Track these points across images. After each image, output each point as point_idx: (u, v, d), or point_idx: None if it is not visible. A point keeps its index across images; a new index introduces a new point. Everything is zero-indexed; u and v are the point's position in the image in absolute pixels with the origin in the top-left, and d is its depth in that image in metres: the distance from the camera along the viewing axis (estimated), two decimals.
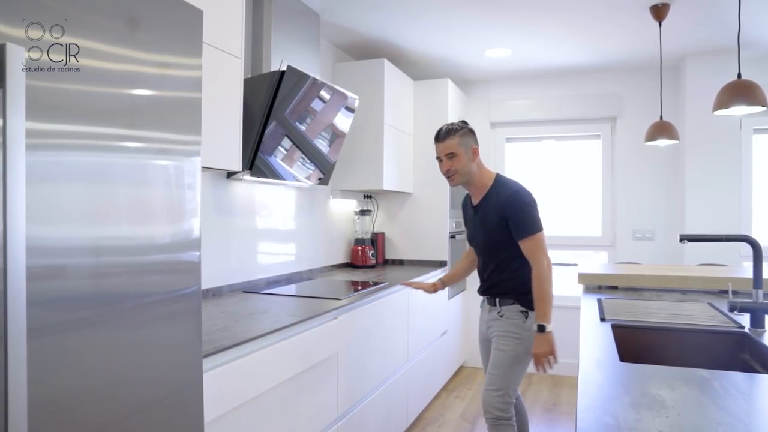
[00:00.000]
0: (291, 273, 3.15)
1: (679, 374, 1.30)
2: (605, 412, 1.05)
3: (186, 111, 1.28)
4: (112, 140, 1.09)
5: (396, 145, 3.74)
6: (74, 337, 1.01)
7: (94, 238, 1.05)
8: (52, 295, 0.97)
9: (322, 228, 3.52)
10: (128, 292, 1.13)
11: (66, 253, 0.99)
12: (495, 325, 2.23)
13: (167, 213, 1.23)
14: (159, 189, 1.20)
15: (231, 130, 2.11)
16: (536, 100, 4.44)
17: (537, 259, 2.13)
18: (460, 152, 2.21)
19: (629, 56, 3.90)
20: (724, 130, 3.73)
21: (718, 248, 3.71)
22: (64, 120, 0.99)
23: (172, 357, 1.24)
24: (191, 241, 1.29)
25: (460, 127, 2.24)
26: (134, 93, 1.13)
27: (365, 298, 2.60)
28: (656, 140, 3.00)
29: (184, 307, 1.27)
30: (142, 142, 1.16)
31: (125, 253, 1.12)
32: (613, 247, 4.27)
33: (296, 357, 1.95)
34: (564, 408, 3.60)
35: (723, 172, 3.74)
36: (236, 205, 2.70)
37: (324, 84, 2.70)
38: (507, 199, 2.16)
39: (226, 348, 1.57)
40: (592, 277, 2.80)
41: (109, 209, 1.08)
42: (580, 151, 4.45)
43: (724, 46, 3.60)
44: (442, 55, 3.89)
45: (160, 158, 1.21)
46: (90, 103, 1.03)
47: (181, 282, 1.26)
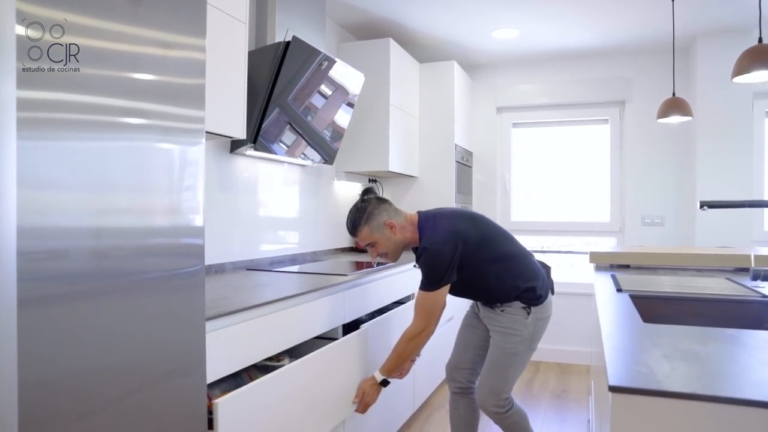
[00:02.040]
0: (294, 254, 3.09)
1: (707, 332, 1.23)
2: (637, 362, 0.99)
3: (189, 88, 1.20)
4: (114, 115, 1.02)
5: (401, 126, 3.68)
6: (71, 310, 0.94)
7: (95, 215, 0.98)
8: (49, 271, 0.90)
9: (326, 211, 3.46)
10: (129, 269, 1.06)
11: (65, 234, 0.92)
12: (496, 320, 2.08)
13: (169, 195, 1.15)
14: (160, 170, 1.13)
15: (236, 97, 2.05)
16: (543, 84, 4.37)
17: (418, 316, 2.02)
18: (376, 237, 2.07)
19: (638, 38, 3.83)
20: (735, 112, 3.66)
21: (729, 234, 3.64)
22: (61, 91, 0.91)
23: (174, 330, 1.17)
24: (195, 227, 1.22)
25: (363, 210, 2.08)
26: (137, 71, 1.06)
27: (371, 275, 2.54)
28: (669, 117, 2.93)
29: (187, 284, 1.20)
30: (145, 118, 1.09)
31: (126, 234, 1.05)
32: (622, 232, 4.20)
33: (299, 328, 1.89)
34: (573, 395, 3.53)
35: (734, 156, 3.67)
36: (239, 181, 2.63)
37: (329, 58, 2.64)
38: (420, 252, 2.03)
39: (230, 313, 1.51)
40: (604, 255, 2.73)
41: (109, 189, 1.01)
42: (588, 136, 4.38)
43: (738, 24, 3.53)
44: (448, 37, 3.83)
45: (163, 137, 1.13)
46: (89, 81, 0.96)
47: (184, 262, 1.19)
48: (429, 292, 1.98)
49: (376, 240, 2.07)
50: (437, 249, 1.96)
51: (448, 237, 1.98)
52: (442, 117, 3.96)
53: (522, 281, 2.05)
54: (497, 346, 2.07)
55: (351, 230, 2.11)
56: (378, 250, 2.10)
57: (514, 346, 2.04)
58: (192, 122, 1.20)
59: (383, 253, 2.10)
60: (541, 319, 2.09)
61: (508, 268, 2.06)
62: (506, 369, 2.05)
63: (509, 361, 2.05)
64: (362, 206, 2.10)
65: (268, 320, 1.70)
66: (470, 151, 4.44)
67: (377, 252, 2.10)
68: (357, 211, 2.09)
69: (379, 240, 2.07)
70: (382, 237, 2.07)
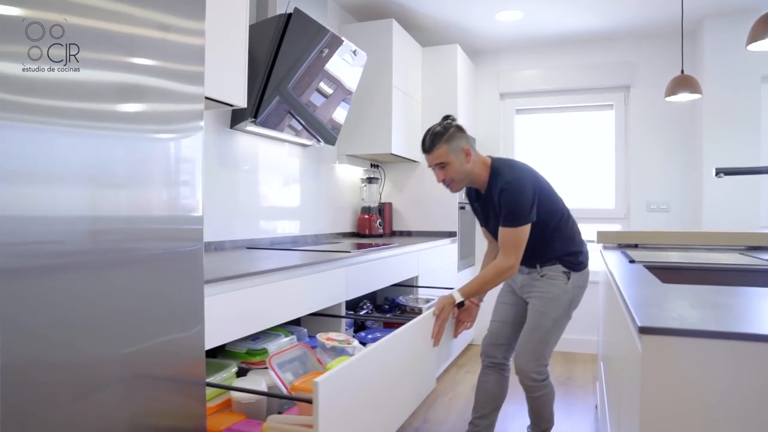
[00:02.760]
0: (295, 236, 3.03)
1: (732, 290, 1.17)
2: (665, 311, 0.93)
3: (189, 63, 1.14)
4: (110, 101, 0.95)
5: (404, 110, 3.62)
6: (63, 280, 0.89)
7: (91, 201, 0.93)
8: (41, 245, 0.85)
9: (328, 194, 3.40)
10: (125, 248, 1.00)
11: (61, 221, 0.88)
12: (537, 286, 2.10)
13: (167, 179, 1.10)
14: (158, 154, 1.07)
15: (236, 64, 1.98)
16: (547, 69, 4.31)
17: (506, 252, 1.98)
18: (451, 159, 2.01)
19: (643, 21, 3.78)
20: (742, 96, 3.60)
21: (736, 220, 3.58)
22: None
23: (173, 299, 1.11)
24: (193, 213, 1.17)
25: (445, 130, 2.03)
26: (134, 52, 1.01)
27: (374, 254, 2.48)
28: (677, 95, 2.87)
29: (184, 264, 1.15)
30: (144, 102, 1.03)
31: (123, 219, 1.00)
32: (627, 219, 4.15)
33: (300, 302, 1.83)
34: (579, 382, 3.47)
35: (741, 140, 3.61)
36: (239, 158, 2.57)
37: (331, 32, 2.58)
38: (500, 189, 2.00)
39: (230, 278, 1.45)
40: (611, 235, 2.67)
41: (107, 173, 0.96)
42: (593, 122, 4.32)
43: (745, 5, 3.48)
44: (451, 19, 3.77)
45: (162, 125, 1.08)
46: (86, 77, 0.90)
47: (182, 244, 1.14)
48: (515, 228, 1.96)
49: (450, 162, 2.01)
50: (519, 185, 1.98)
51: (527, 177, 2.02)
52: (445, 102, 3.91)
53: (572, 245, 2.11)
54: (537, 311, 2.08)
55: (429, 146, 2.03)
56: (447, 174, 2.04)
57: (554, 311, 2.06)
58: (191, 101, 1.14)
59: (450, 178, 2.05)
60: (579, 287, 2.12)
61: (563, 227, 2.11)
62: (547, 334, 2.06)
63: (550, 326, 2.06)
64: (446, 125, 2.05)
65: (271, 288, 1.63)
66: (473, 138, 4.38)
67: (446, 175, 2.05)
68: (439, 129, 2.04)
69: (452, 162, 2.02)
70: (457, 161, 2.02)
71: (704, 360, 0.76)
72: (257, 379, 1.46)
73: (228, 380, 1.49)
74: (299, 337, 1.88)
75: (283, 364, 1.47)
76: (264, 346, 1.61)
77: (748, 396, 0.74)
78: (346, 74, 2.87)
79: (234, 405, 1.41)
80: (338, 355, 1.60)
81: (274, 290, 1.65)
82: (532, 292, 2.12)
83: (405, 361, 1.64)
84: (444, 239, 3.64)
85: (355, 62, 2.89)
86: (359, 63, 2.93)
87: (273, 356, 1.46)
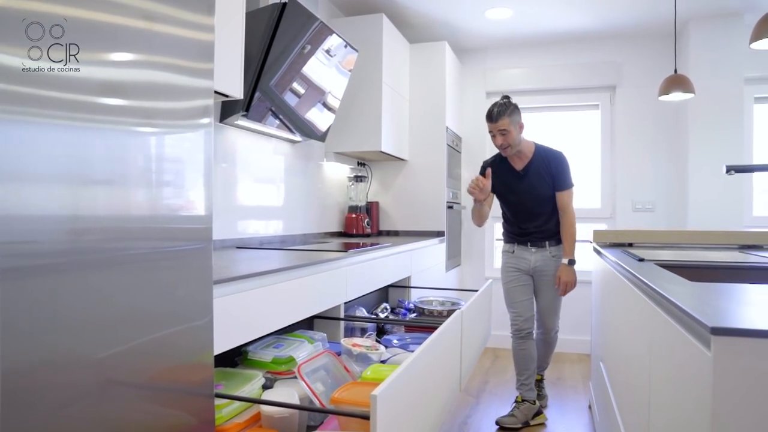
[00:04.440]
0: (284, 235, 2.93)
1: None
2: (726, 311, 0.88)
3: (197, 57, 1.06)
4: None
5: (393, 107, 3.55)
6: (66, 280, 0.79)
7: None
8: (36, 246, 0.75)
9: (315, 192, 3.30)
10: (135, 247, 0.92)
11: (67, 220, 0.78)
12: (551, 264, 2.76)
13: (178, 179, 1.02)
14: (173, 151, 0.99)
15: (233, 53, 1.88)
16: (533, 68, 4.30)
17: (570, 208, 2.71)
18: (511, 129, 2.59)
19: (631, 22, 3.79)
20: (726, 98, 3.64)
21: (720, 219, 3.62)
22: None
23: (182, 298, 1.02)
24: (202, 213, 1.09)
25: (508, 106, 2.59)
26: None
27: (371, 254, 2.41)
28: (670, 94, 2.87)
29: (194, 263, 1.06)
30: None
31: (137, 218, 0.92)
32: (613, 218, 4.16)
33: (304, 302, 1.74)
34: (569, 382, 3.46)
35: (726, 140, 3.65)
36: (228, 153, 2.46)
37: (325, 25, 2.49)
38: (554, 159, 2.68)
39: (236, 278, 1.36)
40: (608, 234, 2.65)
41: (115, 172, 0.87)
42: (579, 122, 4.33)
43: (729, 9, 3.52)
44: (440, 15, 3.72)
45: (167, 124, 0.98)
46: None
47: (191, 244, 1.05)
48: (570, 189, 2.71)
49: (510, 131, 2.59)
50: (565, 157, 2.72)
51: None
52: (433, 99, 3.85)
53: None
54: (552, 286, 2.77)
55: (496, 116, 2.58)
56: (506, 139, 2.60)
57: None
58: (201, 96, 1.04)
59: (507, 143, 2.61)
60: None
61: (556, 212, 2.78)
62: (560, 301, 2.85)
63: (558, 295, 2.81)
64: (508, 102, 2.63)
65: (272, 290, 1.54)
66: (460, 136, 4.34)
67: (504, 140, 2.61)
68: (505, 102, 2.62)
69: (511, 131, 2.59)
70: (514, 131, 2.60)
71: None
72: (288, 391, 1.33)
73: (256, 392, 1.36)
74: (321, 343, 1.77)
75: (310, 373, 1.37)
76: (290, 354, 1.49)
77: None
78: (338, 68, 2.78)
79: (264, 419, 1.27)
80: (365, 361, 1.51)
81: (275, 293, 1.56)
82: (547, 272, 2.76)
83: (442, 367, 1.57)
84: (432, 239, 3.59)
85: (344, 60, 2.81)
86: (348, 61, 2.85)
87: (302, 365, 1.35)
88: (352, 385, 1.32)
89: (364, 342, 1.64)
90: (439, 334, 1.50)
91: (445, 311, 2.58)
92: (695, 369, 0.82)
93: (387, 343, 2.13)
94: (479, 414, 2.91)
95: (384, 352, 1.62)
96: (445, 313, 2.57)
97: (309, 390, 1.28)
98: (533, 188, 2.68)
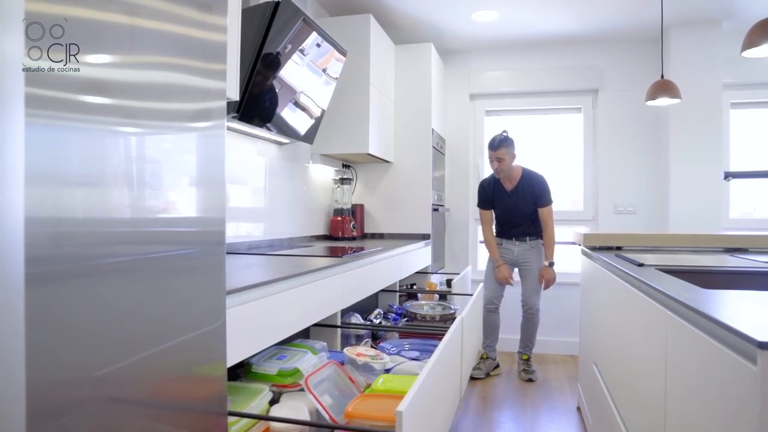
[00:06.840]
0: (272, 239, 2.86)
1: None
2: (742, 317, 0.87)
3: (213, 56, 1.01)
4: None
5: (380, 109, 3.51)
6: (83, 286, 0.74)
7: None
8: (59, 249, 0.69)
9: (301, 195, 3.24)
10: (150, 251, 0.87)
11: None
12: (529, 254, 3.48)
13: (189, 180, 0.97)
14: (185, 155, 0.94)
15: (230, 52, 1.81)
16: (517, 71, 4.32)
17: (551, 220, 3.44)
18: (506, 158, 3.33)
19: (614, 26, 3.84)
20: (706, 103, 3.72)
21: (700, 222, 3.70)
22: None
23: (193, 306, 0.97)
24: (218, 215, 1.04)
25: (507, 139, 3.35)
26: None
27: (365, 258, 2.36)
28: (657, 99, 2.91)
29: (207, 270, 1.01)
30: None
31: (156, 221, 0.86)
32: (595, 221, 4.21)
33: (303, 311, 1.69)
34: (554, 383, 3.48)
35: (705, 144, 3.73)
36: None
37: (316, 26, 2.44)
38: (537, 182, 3.42)
39: (244, 288, 1.30)
40: (597, 237, 2.66)
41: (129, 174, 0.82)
42: (562, 125, 4.37)
43: (709, 16, 3.59)
44: (426, 17, 3.70)
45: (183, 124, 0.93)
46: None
47: (206, 248, 1.00)
48: (550, 206, 3.42)
49: (505, 159, 3.32)
50: (545, 180, 3.45)
51: None
52: (418, 101, 3.83)
53: (541, 230, 3.52)
54: (534, 270, 3.46)
55: (497, 145, 3.32)
56: (501, 165, 3.33)
57: (539, 267, 3.47)
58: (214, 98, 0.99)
59: (501, 169, 3.34)
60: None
61: (539, 220, 3.49)
62: (539, 284, 3.48)
63: (539, 277, 3.47)
64: (508, 136, 3.38)
65: (277, 299, 1.49)
66: (443, 138, 4.33)
67: (499, 166, 3.34)
68: (506, 137, 3.37)
69: (506, 160, 3.33)
70: (508, 159, 3.34)
71: None
72: (297, 405, 1.28)
73: (264, 408, 1.30)
74: (324, 353, 1.71)
75: (316, 385, 1.32)
76: (295, 366, 1.43)
77: None
78: (327, 71, 2.74)
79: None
80: (368, 371, 1.46)
81: (278, 301, 1.51)
82: (529, 258, 3.47)
83: (448, 376, 1.54)
84: (418, 242, 3.56)
85: (332, 63, 2.76)
86: (336, 64, 2.80)
87: (309, 377, 1.30)
88: (365, 397, 1.28)
89: (368, 351, 1.60)
90: (445, 343, 1.47)
91: (437, 316, 2.56)
92: (737, 383, 0.81)
93: (383, 350, 2.10)
94: (469, 417, 2.90)
95: (387, 361, 1.58)
96: (438, 317, 2.55)
97: (318, 404, 1.23)
98: (517, 205, 3.42)
